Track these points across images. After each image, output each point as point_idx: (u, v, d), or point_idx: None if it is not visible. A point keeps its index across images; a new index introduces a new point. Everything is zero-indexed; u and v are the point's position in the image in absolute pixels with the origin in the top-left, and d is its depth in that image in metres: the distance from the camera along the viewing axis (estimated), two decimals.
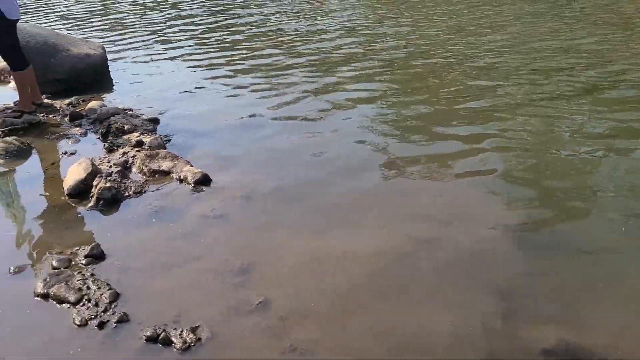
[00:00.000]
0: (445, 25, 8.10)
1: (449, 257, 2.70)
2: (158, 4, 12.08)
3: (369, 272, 2.60)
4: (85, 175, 3.54)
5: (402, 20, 8.68)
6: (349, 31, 8.11)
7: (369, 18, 9.09)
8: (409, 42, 7.24)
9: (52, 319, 2.38)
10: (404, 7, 9.92)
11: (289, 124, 4.65)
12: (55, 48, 5.90)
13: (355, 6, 10.34)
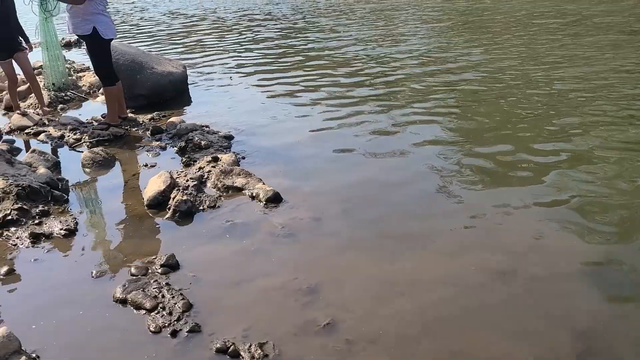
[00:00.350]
0: (520, 53, 7.93)
1: (522, 289, 2.61)
2: (236, 28, 12.56)
3: (439, 299, 2.55)
4: (164, 188, 3.70)
5: (474, 47, 8.57)
6: (420, 57, 8.09)
7: (441, 44, 9.03)
8: (480, 70, 7.13)
9: (128, 323, 2.48)
10: (477, 34, 9.80)
11: (360, 147, 4.67)
12: (141, 66, 6.25)
13: (427, 32, 10.31)
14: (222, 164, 4.17)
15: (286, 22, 12.86)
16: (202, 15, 15.43)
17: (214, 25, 13.13)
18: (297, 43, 9.88)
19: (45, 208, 3.58)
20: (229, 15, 15.05)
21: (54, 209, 3.64)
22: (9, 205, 3.47)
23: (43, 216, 3.51)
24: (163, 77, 6.36)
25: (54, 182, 3.95)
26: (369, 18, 12.52)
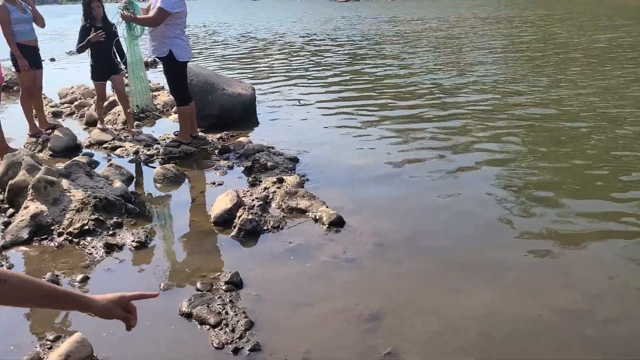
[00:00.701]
0: (589, 85, 7.65)
1: (599, 332, 2.48)
2: (303, 52, 12.83)
3: (507, 337, 2.46)
4: (231, 206, 3.80)
5: (541, 78, 8.35)
6: (486, 87, 7.97)
7: (507, 74, 8.87)
8: (547, 101, 6.93)
9: (192, 337, 2.54)
10: (544, 65, 9.55)
11: (424, 175, 4.63)
12: (213, 87, 6.49)
13: (495, 62, 10.15)
14: (286, 186, 4.23)
15: (352, 48, 13.03)
16: (271, 40, 15.89)
17: (282, 49, 13.48)
18: (362, 69, 9.97)
19: (119, 220, 3.75)
20: (297, 40, 15.41)
21: (127, 222, 3.80)
22: (86, 216, 3.65)
23: (117, 228, 3.68)
24: (233, 98, 6.57)
25: (128, 196, 4.14)
26: (435, 46, 12.48)
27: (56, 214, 3.70)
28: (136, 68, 5.54)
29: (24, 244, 3.52)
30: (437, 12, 22.83)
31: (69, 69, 11.44)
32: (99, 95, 6.12)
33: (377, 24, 18.62)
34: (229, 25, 22.39)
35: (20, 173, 4.10)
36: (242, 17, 27.10)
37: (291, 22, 21.82)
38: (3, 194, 4.11)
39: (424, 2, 30.88)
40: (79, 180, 4.10)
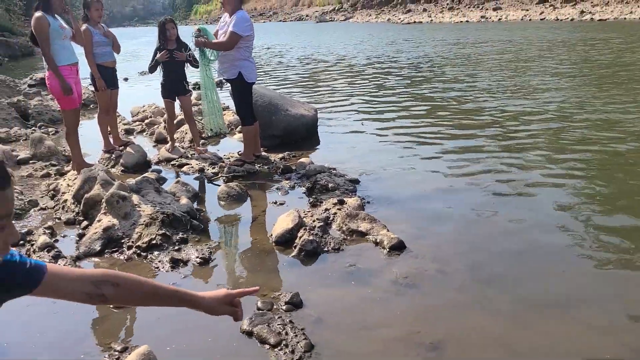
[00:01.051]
0: None
1: None
2: (365, 74, 12.90)
3: None
4: (292, 226, 3.83)
5: (611, 104, 8.00)
6: (553, 112, 7.71)
7: (575, 99, 8.55)
8: (616, 128, 6.62)
9: (253, 356, 2.57)
10: (614, 90, 9.14)
11: (486, 201, 4.51)
12: (277, 108, 6.62)
13: (562, 86, 9.83)
14: (347, 208, 4.23)
15: (414, 70, 12.98)
16: (333, 62, 16.09)
17: (344, 72, 13.61)
18: (424, 92, 9.91)
19: (184, 236, 3.86)
20: (359, 62, 15.53)
21: (192, 238, 3.91)
22: (154, 231, 3.79)
23: (182, 243, 3.79)
24: (296, 119, 6.67)
25: (193, 212, 4.26)
26: (499, 69, 12.24)
27: (126, 228, 3.85)
28: (209, 92, 5.75)
29: (96, 255, 3.68)
30: (503, 34, 22.45)
31: (141, 88, 12.00)
32: (168, 113, 6.36)
33: (441, 47, 18.51)
34: (292, 47, 22.88)
35: (95, 187, 4.31)
36: (305, 40, 27.64)
37: (353, 45, 22.04)
38: (79, 207, 4.33)
39: (489, 24, 30.44)
40: (148, 195, 4.26)
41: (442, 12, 39.56)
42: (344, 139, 6.87)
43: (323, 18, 51.29)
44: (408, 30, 29.68)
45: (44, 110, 8.92)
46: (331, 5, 56.05)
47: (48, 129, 8.05)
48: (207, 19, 79.44)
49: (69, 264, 3.51)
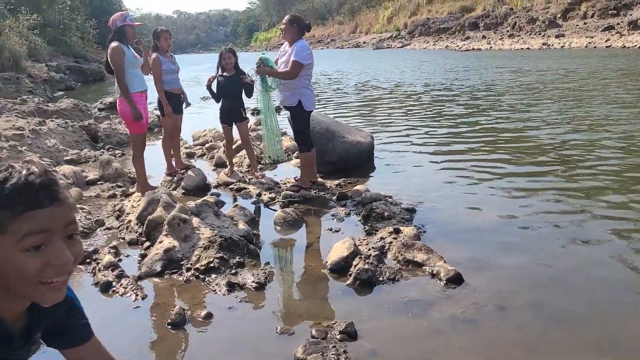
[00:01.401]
0: None
1: None
2: (422, 102, 12.85)
3: None
4: (347, 254, 3.83)
5: None
6: (618, 145, 7.38)
7: None
8: None
9: None
10: None
11: (548, 235, 4.36)
12: (333, 134, 6.68)
13: (628, 117, 9.42)
14: (403, 237, 4.19)
15: (472, 98, 12.82)
16: (390, 89, 16.13)
17: (401, 99, 13.61)
18: (482, 121, 9.75)
19: (241, 260, 3.93)
20: (416, 89, 15.50)
21: (248, 262, 3.97)
22: (212, 254, 3.87)
23: (238, 267, 3.85)
24: (352, 146, 6.71)
25: (250, 237, 4.33)
26: (560, 99, 11.91)
27: (186, 250, 3.96)
28: (269, 118, 5.87)
29: (156, 275, 3.80)
30: (566, 62, 21.87)
31: (203, 113, 12.40)
32: (226, 137, 6.53)
33: (500, 74, 18.22)
34: (349, 74, 23.12)
35: (157, 209, 4.47)
36: (362, 67, 27.88)
37: (411, 72, 22.05)
38: (142, 228, 4.50)
39: (551, 52, 29.74)
40: (208, 219, 4.37)
41: (502, 39, 38.97)
42: (401, 166, 6.84)
43: (380, 45, 51.62)
44: (466, 57, 29.41)
45: (112, 133, 9.37)
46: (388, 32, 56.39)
47: (115, 152, 8.44)
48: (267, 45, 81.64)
49: (131, 283, 3.64)
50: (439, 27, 47.84)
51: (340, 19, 74.44)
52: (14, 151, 6.57)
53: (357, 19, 68.98)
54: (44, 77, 20.97)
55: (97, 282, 3.70)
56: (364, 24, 66.18)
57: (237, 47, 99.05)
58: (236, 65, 6.19)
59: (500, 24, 41.86)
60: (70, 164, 7.22)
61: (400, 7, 58.19)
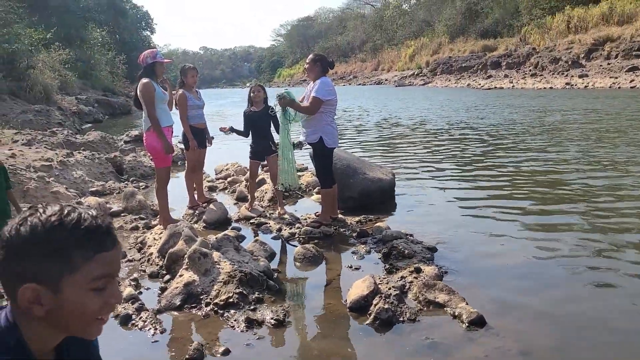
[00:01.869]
0: None
1: None
2: (444, 140, 12.85)
3: None
4: (367, 293, 3.79)
5: None
6: None
7: None
8: None
9: None
10: None
11: (572, 279, 4.26)
12: (354, 171, 6.71)
13: None
14: (424, 276, 4.14)
15: (495, 138, 12.78)
16: (412, 126, 16.18)
17: (423, 136, 13.63)
18: (504, 160, 9.69)
19: (260, 296, 3.91)
20: (438, 127, 15.52)
21: (267, 298, 3.95)
22: (232, 289, 3.87)
23: (257, 303, 3.83)
24: (373, 182, 6.71)
25: (270, 272, 4.32)
26: (585, 139, 11.79)
27: (206, 284, 3.97)
28: (285, 150, 5.94)
29: (176, 309, 3.80)
30: (589, 102, 21.74)
31: (226, 147, 12.57)
32: (251, 172, 6.59)
33: (523, 114, 18.17)
34: (371, 110, 23.30)
35: (179, 243, 4.51)
36: (384, 103, 28.10)
37: (432, 109, 22.13)
38: (163, 261, 4.52)
39: (574, 92, 29.62)
40: (228, 253, 4.39)
41: (524, 78, 38.99)
42: (422, 204, 6.80)
43: (402, 82, 52.07)
44: (488, 96, 29.46)
45: (137, 165, 9.54)
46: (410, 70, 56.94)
47: (139, 184, 8.57)
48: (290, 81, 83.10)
49: (150, 317, 3.65)
50: (460, 65, 48.15)
51: (363, 57, 75.51)
52: (42, 182, 6.72)
53: (379, 56, 69.87)
54: (74, 110, 21.58)
55: (117, 314, 3.71)
56: (386, 62, 66.97)
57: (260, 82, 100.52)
58: (265, 100, 6.30)
59: (522, 63, 41.96)
60: (95, 196, 7.36)
61: (423, 46, 58.82)
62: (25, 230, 1.08)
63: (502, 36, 47.81)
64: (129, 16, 57.79)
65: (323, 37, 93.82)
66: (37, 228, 1.08)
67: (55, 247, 1.08)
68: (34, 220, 1.09)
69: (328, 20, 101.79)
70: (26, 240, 1.07)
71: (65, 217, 1.10)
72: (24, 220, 1.09)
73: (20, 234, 1.08)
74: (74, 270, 1.09)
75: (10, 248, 1.08)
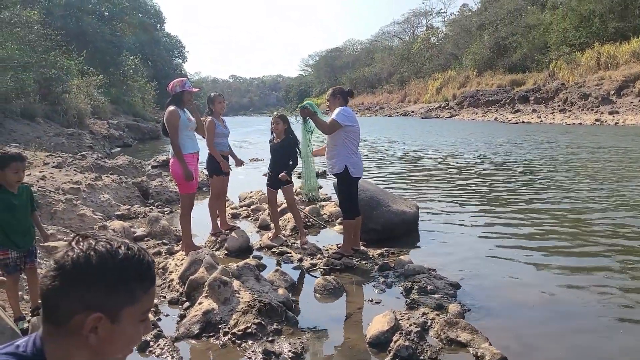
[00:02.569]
0: None
1: None
2: (469, 175, 12.72)
3: None
4: (387, 329, 3.72)
5: None
6: None
7: None
8: None
9: None
10: None
11: (598, 321, 4.11)
12: (378, 203, 6.67)
13: None
14: (447, 314, 4.05)
15: (521, 172, 12.61)
16: (437, 159, 16.09)
17: (448, 169, 13.53)
18: (530, 195, 9.52)
19: (279, 327, 3.87)
20: (463, 160, 15.40)
21: (286, 329, 3.90)
22: (250, 319, 3.84)
23: (276, 334, 3.79)
24: (397, 215, 6.65)
25: (289, 303, 4.28)
26: (614, 177, 11.55)
27: (224, 313, 3.94)
28: (305, 157, 6.04)
29: (194, 338, 3.78)
30: (619, 140, 21.37)
31: (250, 175, 12.67)
32: (269, 201, 6.58)
33: (551, 150, 17.93)
34: (397, 142, 23.29)
35: (200, 270, 4.51)
36: (409, 135, 28.08)
37: (458, 142, 22.01)
38: (183, 287, 4.53)
39: (604, 128, 29.18)
40: (248, 282, 4.37)
41: (553, 114, 38.54)
42: (445, 239, 6.70)
43: (428, 114, 52.04)
44: (516, 130, 29.18)
45: (162, 190, 9.66)
46: (437, 102, 56.96)
47: (164, 209, 8.66)
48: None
49: (168, 344, 3.63)
50: (488, 99, 47.95)
51: (390, 88, 75.88)
52: (70, 204, 6.84)
53: (406, 88, 70.13)
54: (104, 134, 22.11)
55: None
56: (413, 94, 67.16)
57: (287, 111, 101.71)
58: (287, 131, 6.26)
59: (551, 98, 41.59)
60: (121, 219, 7.45)
61: (450, 79, 58.90)
62: (96, 260, 1.12)
63: (530, 71, 47.62)
64: (162, 44, 59.50)
65: (350, 67, 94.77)
66: (107, 259, 1.13)
67: (124, 279, 1.13)
68: (102, 251, 1.13)
69: (356, 51, 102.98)
70: (96, 269, 1.11)
71: (128, 251, 1.16)
72: (92, 249, 1.13)
73: (90, 263, 1.11)
74: (134, 302, 1.15)
75: (76, 275, 1.11)
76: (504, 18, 53.23)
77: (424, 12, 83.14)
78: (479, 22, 58.52)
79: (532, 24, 47.94)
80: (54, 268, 1.12)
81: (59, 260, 1.12)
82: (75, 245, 1.14)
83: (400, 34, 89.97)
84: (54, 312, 1.12)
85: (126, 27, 40.57)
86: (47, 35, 21.70)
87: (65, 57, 24.10)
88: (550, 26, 45.24)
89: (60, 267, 1.11)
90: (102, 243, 1.15)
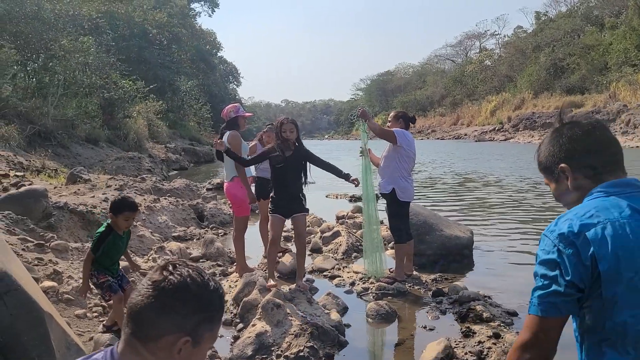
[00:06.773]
0: None
1: None
2: (525, 198, 12.37)
3: None
4: (442, 357, 3.64)
5: None
6: None
7: None
8: None
9: None
10: None
11: None
12: (431, 227, 6.58)
13: None
14: (504, 343, 3.92)
15: None
16: (492, 182, 15.75)
17: (503, 193, 13.21)
18: None
19: (331, 352, 3.86)
20: (519, 185, 15.00)
21: (337, 354, 3.89)
22: (303, 342, 3.85)
23: (327, 359, 3.77)
24: (450, 240, 6.54)
25: (342, 327, 4.27)
26: None
27: (277, 336, 3.97)
28: (372, 219, 5.68)
29: (247, 359, 3.81)
30: None
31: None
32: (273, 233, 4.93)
33: None
34: (450, 165, 22.98)
35: (253, 292, 4.57)
36: (463, 159, 27.65)
37: (515, 167, 21.48)
38: (237, 309, 4.59)
39: None
40: (300, 305, 4.39)
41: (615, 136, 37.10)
42: (501, 265, 6.52)
43: (482, 137, 51.07)
44: None
45: (217, 212, 9.89)
46: (491, 125, 55.86)
47: (218, 231, 8.85)
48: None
49: None
50: (545, 121, 46.59)
51: (442, 111, 75.07)
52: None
53: (459, 111, 69.18)
54: (162, 158, 22.90)
55: None
56: (466, 116, 66.14)
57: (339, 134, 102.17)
58: (298, 141, 4.96)
59: (612, 120, 40.03)
60: (177, 241, 7.66)
61: (505, 101, 57.70)
62: (194, 288, 1.20)
63: (589, 92, 46.09)
64: (218, 70, 61.42)
65: (402, 91, 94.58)
66: (203, 288, 1.21)
67: (213, 308, 1.23)
68: (198, 280, 1.21)
69: (407, 75, 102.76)
70: (194, 296, 1.19)
71: (214, 283, 1.25)
72: (189, 277, 1.21)
73: (189, 289, 1.19)
74: (213, 329, 1.24)
75: (176, 299, 1.18)
76: (560, 39, 51.91)
77: (477, 34, 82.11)
78: (535, 43, 57.27)
79: (590, 45, 46.55)
80: (153, 288, 1.18)
81: (159, 282, 1.18)
82: (173, 271, 1.20)
83: (452, 56, 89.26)
84: (144, 329, 1.17)
85: (184, 53, 42.20)
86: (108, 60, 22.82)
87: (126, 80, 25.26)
88: (610, 46, 43.79)
89: (161, 288, 1.17)
90: (196, 273, 1.22)
